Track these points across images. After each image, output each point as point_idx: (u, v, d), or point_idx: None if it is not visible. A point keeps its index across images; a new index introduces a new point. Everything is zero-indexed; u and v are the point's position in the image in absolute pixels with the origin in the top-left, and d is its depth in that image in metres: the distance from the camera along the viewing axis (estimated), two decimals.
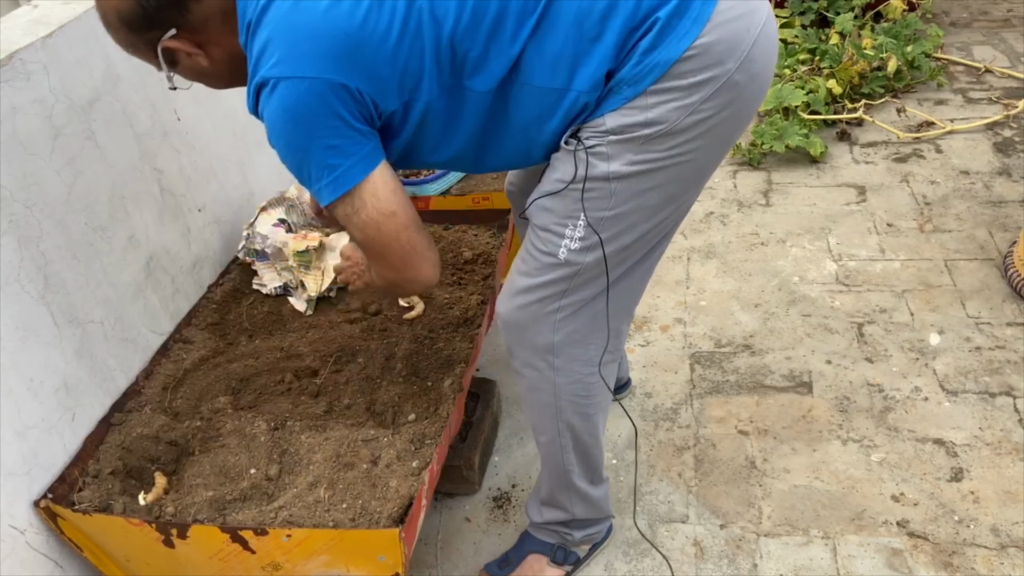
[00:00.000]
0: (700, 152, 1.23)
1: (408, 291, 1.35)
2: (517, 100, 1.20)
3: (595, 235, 1.26)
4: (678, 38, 1.14)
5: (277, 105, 1.12)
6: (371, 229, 1.21)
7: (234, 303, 1.90)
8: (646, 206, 1.26)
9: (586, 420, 1.49)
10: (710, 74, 1.16)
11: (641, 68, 1.15)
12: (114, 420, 1.56)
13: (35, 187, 1.41)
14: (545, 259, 1.31)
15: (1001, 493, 1.78)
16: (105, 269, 1.57)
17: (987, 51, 3.73)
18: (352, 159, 1.15)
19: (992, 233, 2.57)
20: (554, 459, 1.54)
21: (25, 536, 1.36)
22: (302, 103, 1.10)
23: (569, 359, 1.40)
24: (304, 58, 1.09)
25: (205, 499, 1.38)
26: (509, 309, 1.39)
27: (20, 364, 1.36)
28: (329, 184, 1.17)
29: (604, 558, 1.74)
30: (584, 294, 1.34)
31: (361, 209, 1.19)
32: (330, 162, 1.15)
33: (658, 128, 1.18)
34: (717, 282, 2.52)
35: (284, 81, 1.10)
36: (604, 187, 1.23)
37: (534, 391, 1.46)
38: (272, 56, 1.11)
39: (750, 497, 1.84)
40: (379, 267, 1.30)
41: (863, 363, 2.16)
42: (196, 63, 1.24)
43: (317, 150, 1.14)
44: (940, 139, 3.13)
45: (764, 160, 3.13)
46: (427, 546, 1.81)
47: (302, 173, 1.19)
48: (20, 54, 1.39)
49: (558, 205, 1.27)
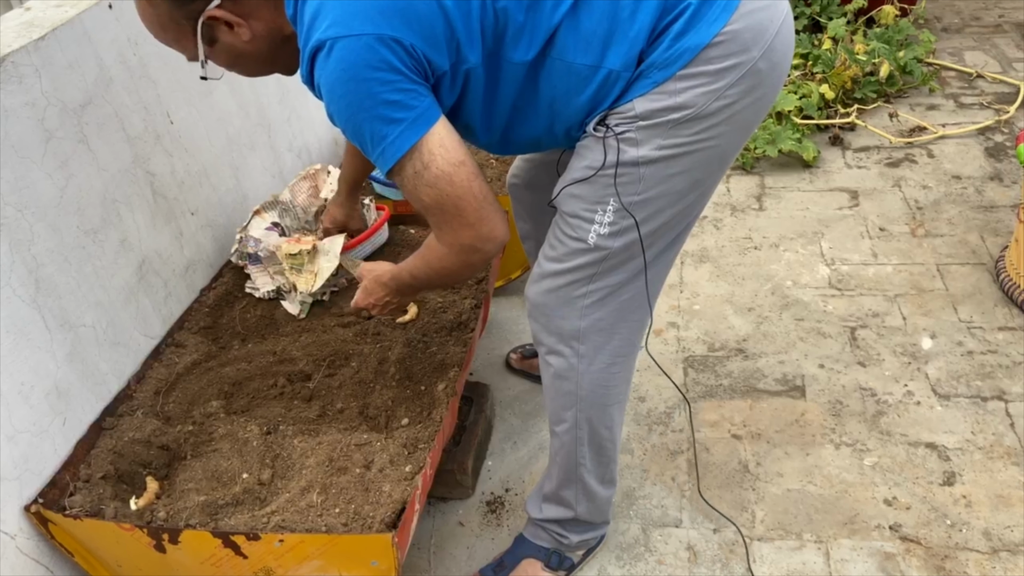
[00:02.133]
0: (724, 138, 1.27)
1: (484, 255, 1.26)
2: (549, 74, 1.22)
3: (624, 220, 1.29)
4: (708, 24, 1.17)
5: (335, 66, 1.10)
6: (444, 182, 1.17)
7: (227, 307, 1.89)
8: (673, 191, 1.29)
9: (603, 412, 1.51)
10: (736, 60, 1.19)
11: (672, 52, 1.18)
12: (106, 424, 1.55)
13: (27, 190, 1.40)
14: (574, 244, 1.33)
15: (993, 497, 1.78)
16: (97, 273, 1.57)
17: (979, 56, 3.75)
18: (415, 112, 1.14)
19: (984, 238, 2.58)
20: (568, 451, 1.55)
21: (16, 541, 1.35)
22: (361, 60, 1.09)
23: (594, 347, 1.42)
24: (357, 16, 1.09)
25: (197, 504, 1.37)
26: (537, 292, 1.41)
27: (11, 368, 1.36)
28: (396, 140, 1.14)
29: (598, 563, 1.74)
30: (611, 280, 1.36)
31: (431, 163, 1.16)
32: (395, 116, 1.13)
33: (686, 112, 1.21)
34: (710, 286, 2.52)
35: (340, 40, 1.09)
36: (633, 172, 1.25)
37: (559, 379, 1.47)
38: (325, 19, 1.10)
39: (743, 501, 1.84)
40: (454, 229, 1.23)
41: (856, 367, 2.16)
42: (236, 39, 1.21)
43: (380, 106, 1.12)
44: (932, 144, 3.14)
45: (757, 164, 3.13)
46: (420, 551, 1.80)
47: (364, 134, 1.16)
48: (12, 57, 1.38)
49: (587, 191, 1.29)
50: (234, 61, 1.27)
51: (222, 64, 1.27)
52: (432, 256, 1.33)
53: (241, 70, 1.30)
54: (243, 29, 1.20)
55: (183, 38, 1.21)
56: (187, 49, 1.23)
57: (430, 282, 1.41)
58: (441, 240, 1.27)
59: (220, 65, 1.27)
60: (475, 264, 1.28)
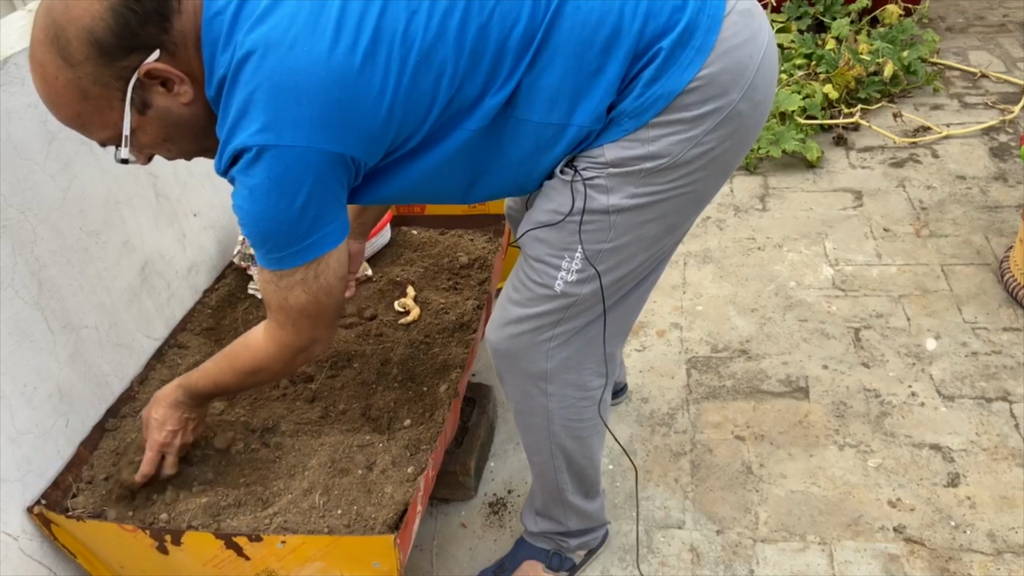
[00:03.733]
0: (701, 183, 1.20)
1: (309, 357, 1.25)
2: (513, 136, 1.15)
3: (592, 268, 1.23)
4: (681, 69, 1.09)
5: (261, 175, 1.01)
6: (323, 293, 1.14)
7: (229, 308, 1.89)
8: (646, 237, 1.23)
9: (580, 443, 1.47)
10: (714, 105, 1.12)
11: (644, 100, 1.11)
12: (108, 426, 1.55)
13: (29, 192, 1.40)
14: (540, 290, 1.27)
15: (998, 498, 1.78)
16: (100, 274, 1.57)
17: (983, 56, 3.74)
18: (329, 227, 1.09)
19: (988, 238, 2.58)
20: (547, 478, 1.53)
21: (19, 542, 1.35)
22: (291, 173, 1.01)
23: (562, 384, 1.37)
24: (292, 125, 0.98)
25: (199, 505, 1.37)
26: (500, 338, 1.35)
27: (14, 370, 1.36)
28: (299, 251, 1.08)
29: (600, 564, 1.74)
30: (578, 322, 1.31)
31: (323, 274, 1.12)
32: (308, 230, 1.07)
33: (660, 162, 1.14)
34: (714, 287, 2.52)
35: (270, 150, 0.99)
36: (603, 220, 1.19)
37: (526, 415, 1.44)
38: (255, 120, 0.99)
39: (746, 503, 1.83)
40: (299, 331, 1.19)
41: (859, 368, 2.16)
42: (174, 102, 1.06)
43: (295, 220, 1.05)
44: (936, 144, 3.14)
45: (760, 165, 3.13)
46: (423, 552, 1.80)
47: (267, 241, 1.08)
48: (14, 58, 1.38)
49: (553, 237, 1.23)
50: (168, 132, 1.09)
51: (152, 137, 1.09)
52: (250, 357, 1.26)
53: (172, 146, 1.13)
54: (185, 87, 1.05)
55: (106, 108, 1.03)
56: (107, 124, 1.05)
57: (240, 385, 1.33)
58: (277, 339, 1.21)
59: (148, 140, 1.10)
60: (298, 365, 1.26)
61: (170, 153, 1.15)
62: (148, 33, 1.00)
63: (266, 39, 0.99)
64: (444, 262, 1.98)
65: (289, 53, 0.98)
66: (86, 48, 0.98)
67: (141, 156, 1.12)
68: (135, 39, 0.99)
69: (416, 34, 1.02)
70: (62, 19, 0.98)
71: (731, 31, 1.11)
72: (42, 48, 1.00)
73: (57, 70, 1.00)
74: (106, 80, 1.01)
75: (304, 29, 0.99)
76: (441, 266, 1.97)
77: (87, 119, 1.05)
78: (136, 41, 1.00)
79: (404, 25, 1.02)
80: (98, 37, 0.98)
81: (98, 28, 0.97)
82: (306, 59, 0.98)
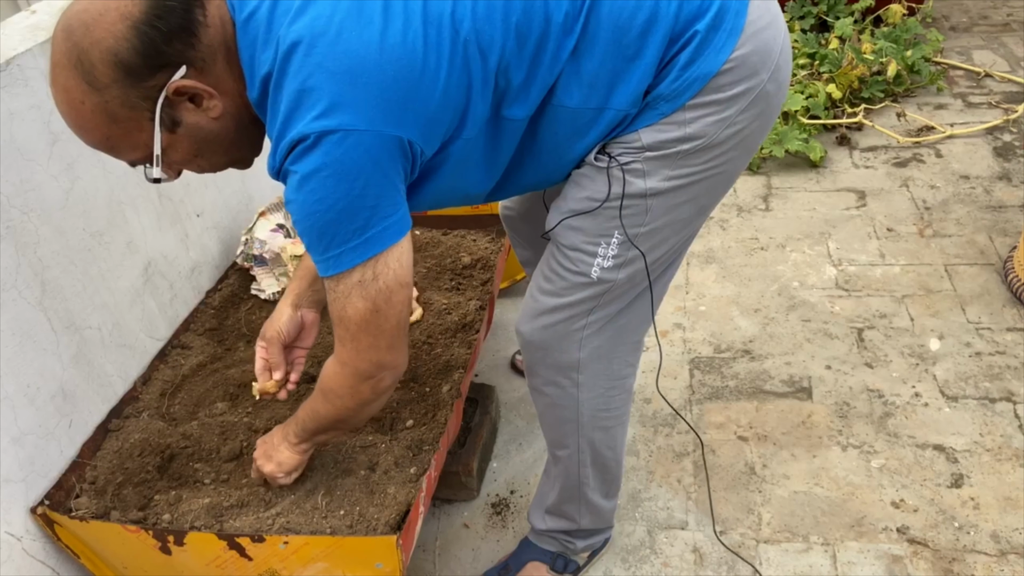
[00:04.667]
0: (731, 163, 1.23)
1: (376, 384, 1.17)
2: (551, 121, 1.14)
3: (628, 252, 1.24)
4: (716, 51, 1.11)
5: (318, 160, 0.97)
6: (382, 299, 1.07)
7: (232, 308, 1.90)
8: (679, 219, 1.25)
9: (606, 433, 1.48)
10: (746, 86, 1.14)
11: (680, 83, 1.12)
12: (111, 426, 1.55)
13: (32, 193, 1.40)
14: (575, 279, 1.28)
15: (1001, 499, 1.77)
16: (103, 275, 1.57)
17: (987, 55, 3.73)
18: (387, 221, 1.04)
19: (992, 238, 2.57)
20: (570, 473, 1.53)
21: (22, 543, 1.35)
22: (349, 159, 0.97)
23: (593, 374, 1.38)
24: (356, 107, 0.96)
25: (202, 506, 1.37)
26: (533, 329, 1.35)
27: (17, 370, 1.36)
28: (357, 247, 1.03)
29: (603, 565, 1.74)
30: (611, 309, 1.32)
31: (382, 275, 1.06)
32: (364, 223, 1.02)
33: (696, 143, 1.16)
34: (717, 287, 2.51)
35: (329, 135, 0.96)
36: (640, 204, 1.20)
37: (555, 408, 1.44)
38: (313, 108, 0.96)
39: (750, 503, 1.83)
40: (360, 350, 1.13)
41: (863, 368, 2.15)
42: (203, 117, 1.04)
43: (354, 210, 1.00)
44: (940, 144, 3.13)
45: (763, 165, 3.12)
46: (426, 553, 1.80)
47: (324, 235, 1.03)
48: (18, 60, 1.39)
49: (589, 224, 1.23)
50: (199, 147, 1.08)
51: (183, 154, 1.08)
52: (323, 378, 1.21)
53: (203, 161, 1.11)
54: (214, 101, 1.03)
55: (135, 130, 1.01)
56: (136, 145, 1.03)
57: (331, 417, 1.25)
58: (340, 358, 1.16)
59: (179, 157, 1.08)
60: (366, 397, 1.18)
61: (201, 168, 1.13)
62: (174, 50, 0.98)
63: (310, 29, 0.97)
64: (447, 263, 1.98)
65: (338, 39, 0.96)
66: (111, 71, 0.96)
67: (171, 172, 1.09)
68: (161, 57, 0.97)
69: (464, 15, 1.02)
70: (84, 42, 0.95)
71: (756, 14, 1.14)
72: (65, 73, 0.97)
73: (83, 95, 0.97)
74: (134, 102, 0.98)
75: (349, 16, 0.98)
76: (444, 267, 1.97)
77: (116, 142, 1.03)
78: (162, 59, 0.97)
79: (451, 7, 1.02)
80: (123, 59, 0.95)
81: (122, 49, 0.95)
82: (357, 43, 0.97)
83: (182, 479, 1.46)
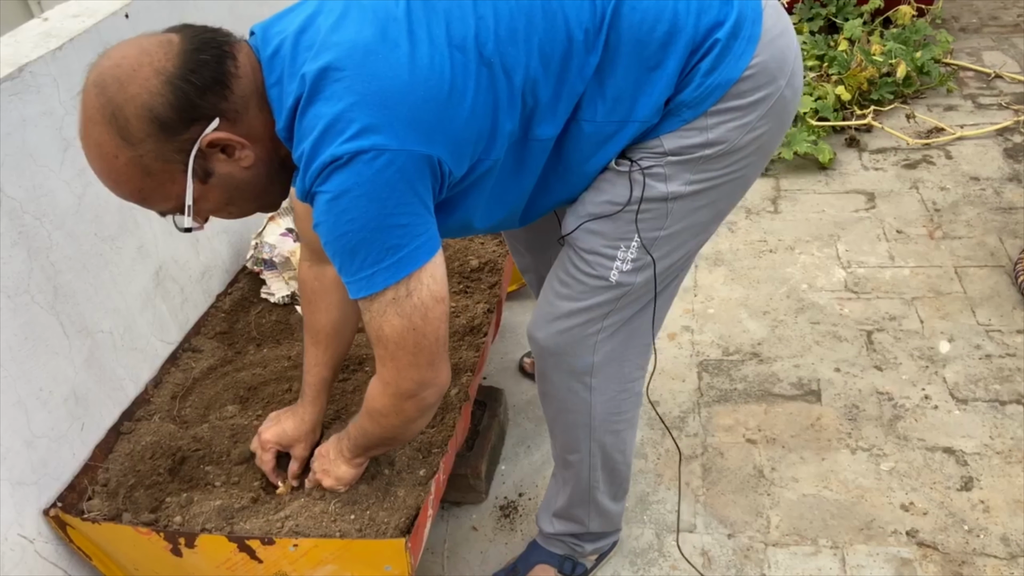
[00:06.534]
0: (750, 167, 1.25)
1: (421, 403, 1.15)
2: (576, 138, 1.16)
3: (646, 256, 1.25)
4: (736, 58, 1.14)
5: (350, 180, 0.97)
6: (418, 316, 1.06)
7: (242, 312, 1.91)
8: (697, 223, 1.27)
9: (616, 436, 1.49)
10: (765, 92, 1.17)
11: (703, 90, 1.14)
12: (123, 429, 1.57)
13: (45, 198, 1.42)
14: (594, 283, 1.28)
15: (1011, 502, 1.77)
16: (114, 279, 1.58)
17: (997, 56, 3.71)
18: (419, 239, 1.03)
19: (1002, 240, 2.56)
20: (580, 477, 1.53)
21: (35, 545, 1.37)
22: (382, 178, 0.97)
23: (606, 378, 1.39)
24: (387, 128, 0.96)
25: (213, 508, 1.38)
26: (549, 335, 1.36)
27: (30, 374, 1.37)
28: (390, 267, 1.02)
29: (611, 568, 1.74)
30: (626, 313, 1.33)
31: (415, 291, 1.05)
32: (400, 242, 1.01)
33: (718, 148, 1.18)
34: (725, 290, 2.51)
35: (361, 155, 0.96)
36: (661, 207, 1.22)
37: (567, 412, 1.45)
38: (346, 129, 0.96)
39: (758, 506, 1.83)
40: (400, 368, 1.11)
41: (872, 371, 2.15)
42: (235, 167, 1.04)
43: (385, 229, 1.00)
44: (950, 145, 3.12)
45: (772, 167, 3.12)
46: (434, 555, 1.81)
47: (356, 255, 1.02)
48: (30, 67, 1.40)
49: (609, 228, 1.24)
50: (230, 196, 1.08)
51: (215, 203, 1.08)
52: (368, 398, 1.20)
53: (234, 208, 1.11)
54: (246, 151, 1.04)
55: (168, 182, 1.01)
56: (169, 196, 1.03)
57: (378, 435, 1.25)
58: (381, 377, 1.15)
59: (210, 206, 1.08)
60: (410, 414, 1.16)
61: (231, 215, 1.13)
62: (208, 103, 0.98)
63: (336, 57, 0.98)
64: (454, 265, 1.99)
65: (365, 62, 0.98)
66: (146, 126, 0.96)
67: (200, 221, 1.09)
68: (195, 111, 0.97)
69: (488, 37, 1.04)
70: (118, 97, 0.95)
71: (771, 22, 1.17)
72: (99, 128, 0.97)
73: (117, 149, 0.98)
74: (168, 155, 0.99)
75: (374, 40, 1.00)
76: (451, 270, 1.98)
77: (149, 194, 1.03)
78: (196, 113, 0.98)
79: (474, 30, 1.04)
80: (158, 114, 0.96)
81: (157, 104, 0.95)
82: (385, 65, 0.98)
83: (193, 481, 1.47)
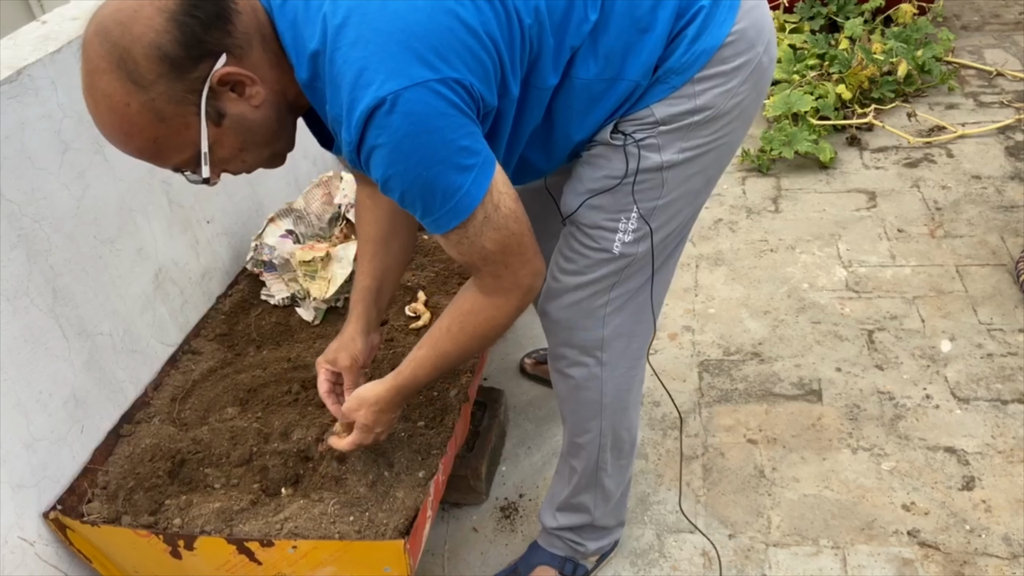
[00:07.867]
0: (734, 133, 1.29)
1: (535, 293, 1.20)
2: (566, 95, 1.18)
3: (646, 226, 1.29)
4: (719, 24, 1.18)
5: (402, 121, 0.97)
6: (512, 220, 1.10)
7: (242, 314, 1.91)
8: (691, 190, 1.30)
9: (624, 415, 1.52)
10: (746, 58, 1.21)
11: (689, 56, 1.17)
12: (123, 431, 1.57)
13: (44, 201, 1.42)
14: (597, 255, 1.32)
15: (1013, 502, 1.76)
16: (114, 281, 1.59)
17: (999, 54, 3.70)
18: (482, 155, 1.06)
19: (1004, 238, 2.55)
20: (589, 458, 1.55)
21: (35, 548, 1.37)
22: (431, 108, 0.98)
23: (616, 353, 1.43)
24: (414, 62, 0.97)
25: (212, 510, 1.38)
26: (557, 308, 1.39)
27: (30, 377, 1.38)
28: (472, 187, 1.05)
29: (612, 569, 1.74)
30: (630, 285, 1.36)
31: (501, 202, 1.09)
32: (468, 162, 1.04)
33: (706, 114, 1.22)
34: (726, 289, 2.51)
35: (404, 92, 0.96)
36: (656, 177, 1.25)
37: (580, 390, 1.47)
38: (378, 72, 0.96)
39: (759, 506, 1.83)
40: (514, 271, 1.15)
41: (873, 371, 2.14)
42: (246, 106, 1.04)
43: (454, 155, 1.02)
44: (951, 144, 3.11)
45: (773, 166, 3.11)
46: (434, 556, 1.81)
47: (436, 190, 1.04)
48: (28, 70, 1.40)
49: (609, 201, 1.28)
50: (244, 140, 1.06)
51: (229, 149, 1.06)
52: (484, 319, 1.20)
53: (247, 155, 1.10)
54: (256, 88, 1.03)
55: (182, 127, 1.00)
56: (183, 145, 1.02)
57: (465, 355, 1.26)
58: (498, 291, 1.17)
59: (225, 153, 1.06)
60: (522, 308, 1.20)
61: (244, 163, 1.11)
62: (213, 38, 0.97)
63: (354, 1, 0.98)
64: (455, 267, 1.99)
65: (385, 3, 0.98)
66: (156, 66, 0.94)
67: (215, 172, 1.07)
68: (202, 46, 0.97)
69: None
70: (124, 40, 0.94)
71: None
72: (106, 77, 0.95)
73: (128, 95, 0.95)
74: (180, 96, 0.97)
75: None
76: (452, 271, 1.98)
77: (163, 143, 1.01)
78: (203, 48, 0.97)
79: None
80: (167, 51, 0.94)
81: (164, 42, 0.94)
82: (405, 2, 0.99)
83: (192, 484, 1.47)
